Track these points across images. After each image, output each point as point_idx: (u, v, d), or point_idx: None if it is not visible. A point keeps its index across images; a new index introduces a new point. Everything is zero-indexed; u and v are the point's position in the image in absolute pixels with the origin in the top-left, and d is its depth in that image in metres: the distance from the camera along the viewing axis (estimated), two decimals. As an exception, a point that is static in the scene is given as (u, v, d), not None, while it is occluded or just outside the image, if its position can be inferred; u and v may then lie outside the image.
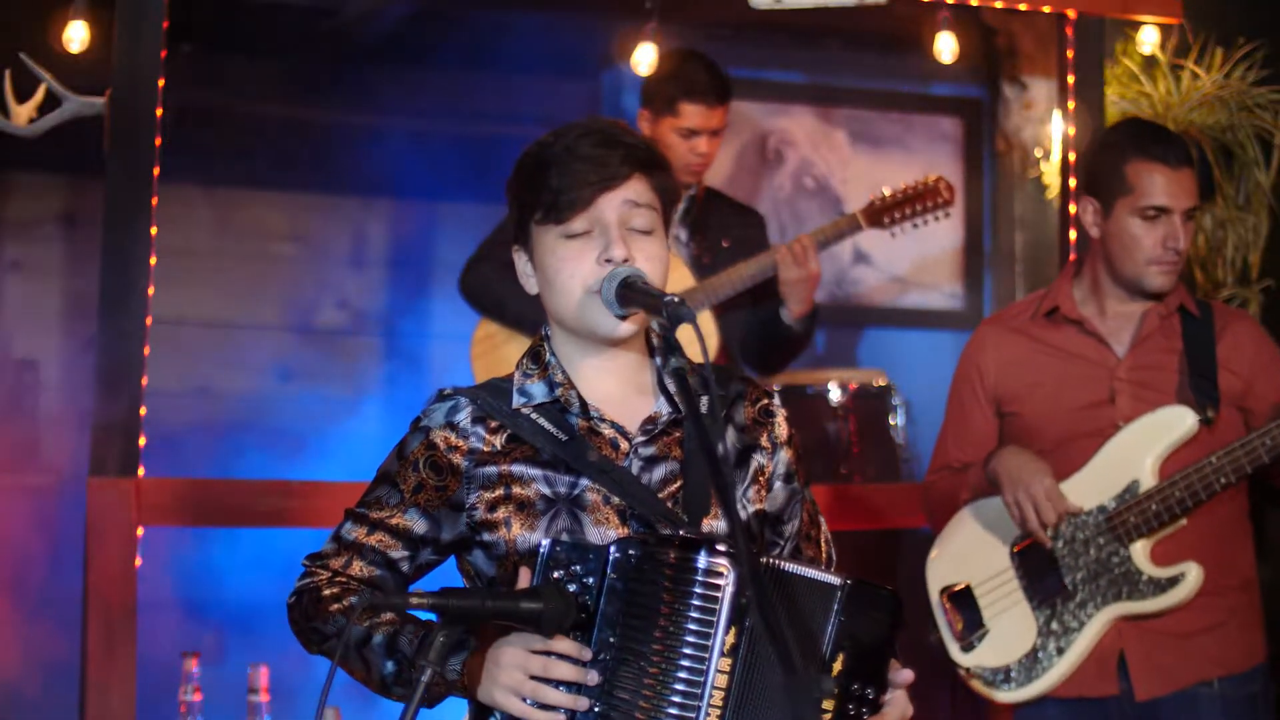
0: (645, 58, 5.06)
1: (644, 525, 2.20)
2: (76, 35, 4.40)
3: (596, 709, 2.04)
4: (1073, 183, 4.77)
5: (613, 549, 2.07)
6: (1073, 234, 4.74)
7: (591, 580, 2.06)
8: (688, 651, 2.01)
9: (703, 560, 2.02)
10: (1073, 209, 4.63)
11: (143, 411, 4.00)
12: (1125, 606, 3.28)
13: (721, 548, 2.03)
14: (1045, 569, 3.34)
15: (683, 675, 2.01)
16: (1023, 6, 4.79)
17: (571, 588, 2.06)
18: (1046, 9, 4.80)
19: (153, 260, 4.05)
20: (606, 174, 2.20)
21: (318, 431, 4.96)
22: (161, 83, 4.10)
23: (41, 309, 4.83)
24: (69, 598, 4.24)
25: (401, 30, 4.88)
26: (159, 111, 4.10)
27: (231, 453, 4.88)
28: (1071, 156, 4.79)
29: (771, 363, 4.67)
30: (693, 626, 2.02)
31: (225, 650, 4.62)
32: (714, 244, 4.59)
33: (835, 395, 4.92)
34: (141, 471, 3.99)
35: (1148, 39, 5.07)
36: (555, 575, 2.07)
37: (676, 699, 2.01)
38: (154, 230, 4.05)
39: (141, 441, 3.99)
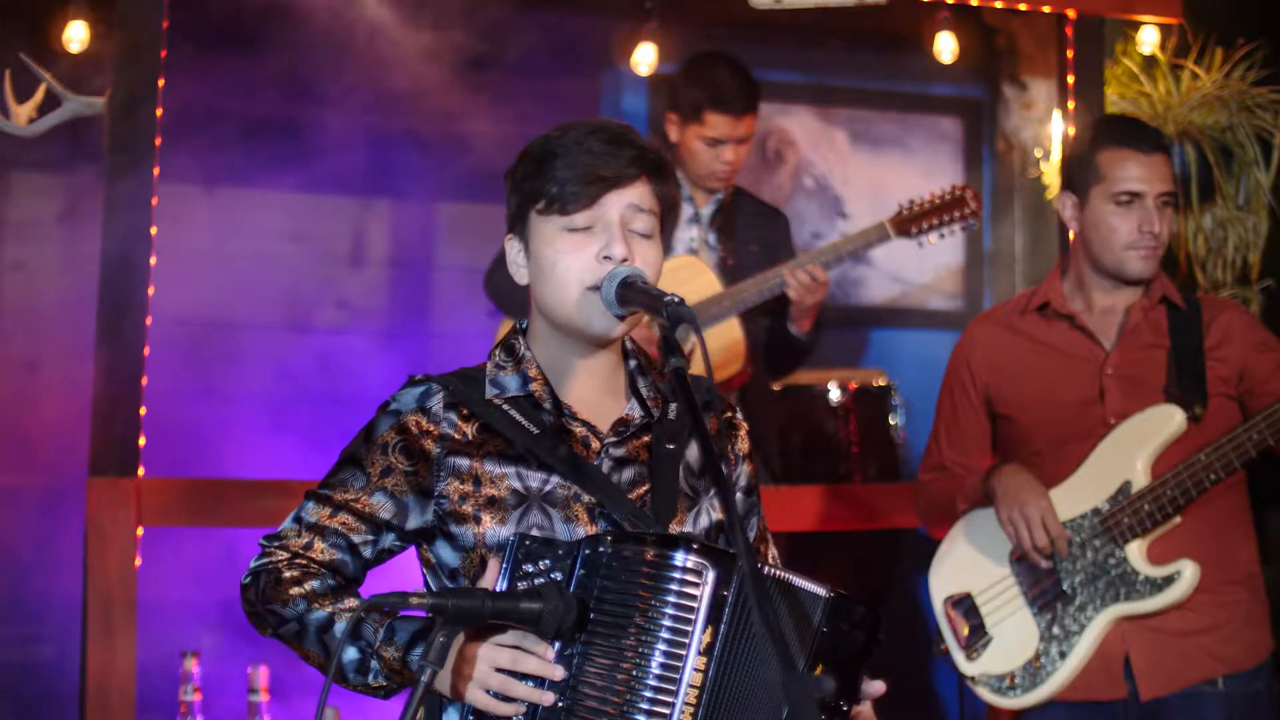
0: (645, 58, 5.07)
1: (613, 524, 2.20)
2: (76, 35, 4.40)
3: (561, 704, 2.04)
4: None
5: (583, 545, 2.07)
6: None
7: (560, 576, 2.06)
8: (662, 649, 2.00)
9: (681, 558, 2.02)
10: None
11: (143, 411, 4.00)
12: (1124, 607, 3.28)
13: (696, 546, 2.03)
14: (1044, 574, 3.35)
15: (657, 672, 2.00)
16: (1023, 6, 4.79)
17: (538, 583, 2.06)
18: (1046, 9, 4.80)
19: (153, 260, 4.05)
20: (614, 173, 2.21)
21: (317, 431, 4.96)
22: (161, 83, 4.10)
23: (41, 309, 4.83)
24: (69, 598, 4.24)
25: (401, 30, 4.88)
26: (159, 111, 4.10)
27: (231, 453, 4.87)
28: (1071, 156, 4.78)
29: (780, 369, 4.68)
30: (668, 624, 2.01)
31: (225, 650, 4.62)
32: (741, 246, 4.60)
33: (835, 395, 4.93)
34: (141, 471, 4.00)
35: (1148, 39, 5.08)
36: (525, 569, 2.07)
37: (648, 694, 2.00)
38: (154, 230, 4.06)
39: (141, 441, 4.00)
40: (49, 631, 4.71)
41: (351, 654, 2.15)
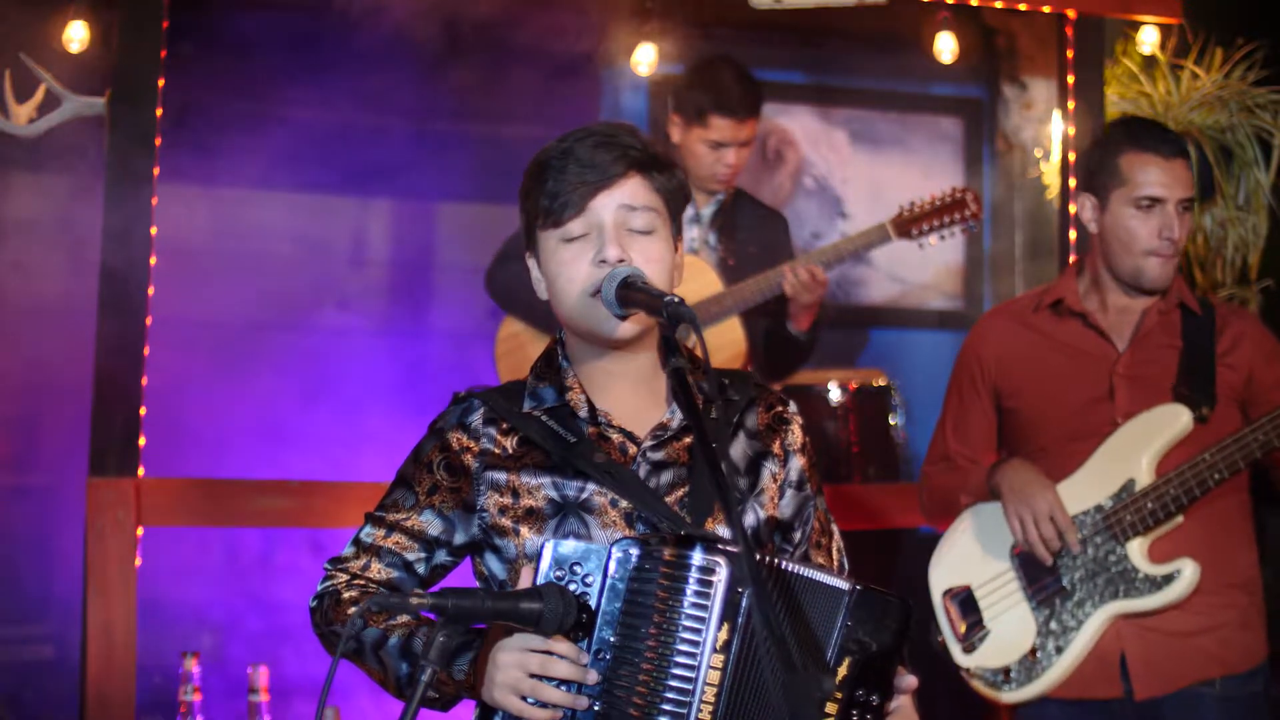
0: (645, 58, 5.07)
1: (650, 528, 2.20)
2: (76, 35, 4.40)
3: (596, 707, 2.05)
4: (1073, 183, 4.77)
5: (613, 549, 2.08)
6: (1073, 234, 4.74)
7: (592, 580, 2.07)
8: (681, 648, 2.01)
9: (697, 556, 2.03)
10: (1073, 209, 4.64)
11: (143, 411, 4.00)
12: (1123, 605, 3.28)
13: (714, 544, 2.03)
14: (1044, 569, 3.35)
15: (676, 672, 2.01)
16: (1023, 6, 4.79)
17: (573, 588, 2.07)
18: (1046, 9, 4.81)
19: (153, 260, 4.05)
20: (600, 175, 2.21)
21: (317, 431, 4.96)
22: (161, 83, 4.11)
23: (41, 309, 4.83)
24: (69, 598, 4.24)
25: (401, 30, 4.89)
26: (159, 111, 4.10)
27: (231, 452, 4.88)
28: (1071, 156, 4.79)
29: (780, 368, 4.68)
30: (687, 623, 2.01)
31: (225, 650, 4.62)
32: (741, 247, 4.60)
33: (835, 395, 4.93)
34: (141, 471, 4.00)
35: (1148, 39, 5.08)
36: (557, 575, 2.08)
37: (670, 694, 2.01)
38: (154, 230, 4.06)
39: (141, 441, 4.00)
40: (49, 631, 4.72)
41: (404, 669, 2.18)
